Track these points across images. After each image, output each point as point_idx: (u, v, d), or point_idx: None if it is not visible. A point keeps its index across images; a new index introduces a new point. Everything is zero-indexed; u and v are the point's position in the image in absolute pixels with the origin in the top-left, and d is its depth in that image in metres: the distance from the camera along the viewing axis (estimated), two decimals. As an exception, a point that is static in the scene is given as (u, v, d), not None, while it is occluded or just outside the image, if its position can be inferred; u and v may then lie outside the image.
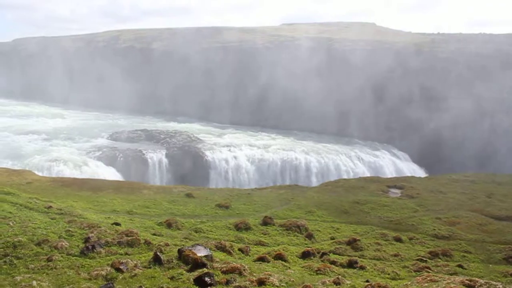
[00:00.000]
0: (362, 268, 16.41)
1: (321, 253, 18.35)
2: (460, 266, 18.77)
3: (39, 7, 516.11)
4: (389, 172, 60.08)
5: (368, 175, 54.69)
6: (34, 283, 9.94)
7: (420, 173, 60.48)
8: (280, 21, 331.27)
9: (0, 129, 68.52)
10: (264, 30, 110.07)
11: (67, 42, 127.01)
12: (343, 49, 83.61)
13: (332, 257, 17.90)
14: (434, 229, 24.36)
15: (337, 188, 35.13)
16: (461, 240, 22.98)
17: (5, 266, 11.66)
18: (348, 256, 18.57)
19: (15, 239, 13.63)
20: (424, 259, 19.24)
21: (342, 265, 16.47)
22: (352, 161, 61.29)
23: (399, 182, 37.09)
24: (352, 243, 20.47)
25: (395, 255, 19.60)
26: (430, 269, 17.11)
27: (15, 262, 12.12)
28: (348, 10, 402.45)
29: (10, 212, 17.62)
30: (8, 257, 12.29)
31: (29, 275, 10.89)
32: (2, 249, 12.73)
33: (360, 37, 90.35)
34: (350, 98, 74.35)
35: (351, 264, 16.60)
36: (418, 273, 16.10)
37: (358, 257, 18.22)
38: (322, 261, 16.98)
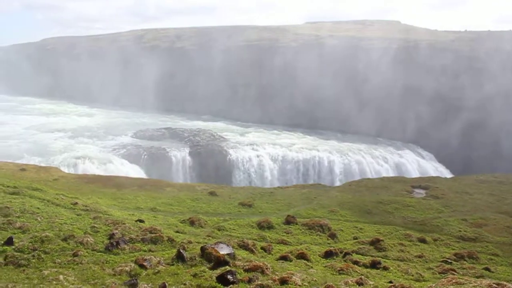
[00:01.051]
0: (385, 268, 16.23)
1: (343, 253, 18.23)
2: (487, 269, 18.38)
3: (67, 7, 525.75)
4: (413, 172, 59.30)
5: (392, 175, 54.07)
6: (61, 277, 10.13)
7: (445, 173, 59.59)
8: (304, 20, 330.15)
9: (28, 127, 70.14)
10: (288, 29, 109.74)
11: (93, 42, 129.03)
12: (367, 47, 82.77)
13: (355, 257, 17.75)
14: (460, 231, 23.93)
15: (360, 187, 34.84)
16: (488, 242, 22.52)
17: (33, 260, 11.91)
18: (371, 256, 18.40)
19: (43, 234, 13.91)
20: (449, 261, 18.92)
21: (365, 266, 16.32)
22: (376, 160, 60.70)
23: (424, 182, 36.55)
24: (375, 243, 20.26)
25: (419, 256, 19.33)
26: (455, 272, 16.82)
27: (42, 256, 12.37)
28: (373, 8, 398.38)
29: (38, 208, 17.98)
30: (36, 251, 12.55)
31: (56, 270, 11.10)
32: (30, 244, 13.01)
33: (385, 35, 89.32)
34: (375, 97, 73.59)
35: (374, 265, 16.43)
36: (443, 275, 15.84)
37: (381, 258, 18.03)
38: (344, 261, 16.87)
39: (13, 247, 12.84)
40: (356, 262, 16.50)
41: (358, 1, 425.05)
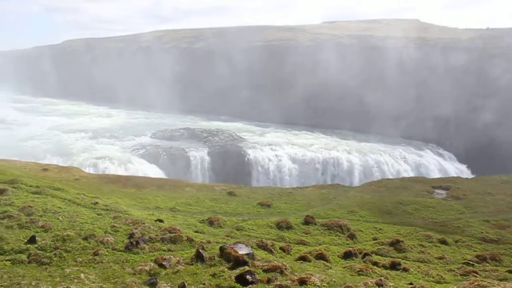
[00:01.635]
0: (405, 270, 16.06)
1: (363, 253, 18.09)
2: (510, 271, 18.03)
3: (86, 10, 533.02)
4: (434, 172, 58.62)
5: (412, 175, 53.53)
6: (82, 275, 10.26)
7: (467, 173, 58.77)
8: (321, 19, 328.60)
9: (50, 127, 71.26)
10: (305, 29, 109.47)
11: (112, 43, 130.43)
12: (386, 47, 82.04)
13: (375, 258, 17.61)
14: (482, 232, 23.54)
15: (380, 188, 34.54)
16: (511, 244, 22.12)
17: (55, 259, 12.09)
18: (391, 257, 18.23)
19: (64, 233, 14.11)
20: (471, 263, 18.62)
21: (384, 267, 16.18)
22: (395, 160, 60.15)
23: (445, 183, 36.06)
24: (395, 244, 20.07)
25: (440, 258, 19.08)
26: (477, 274, 16.54)
27: (64, 255, 12.54)
28: (391, 7, 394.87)
29: (60, 207, 18.25)
30: (58, 250, 12.73)
31: (77, 268, 11.25)
32: (52, 242, 13.21)
33: (404, 34, 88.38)
34: (393, 96, 72.90)
35: (394, 266, 16.28)
36: (464, 277, 15.62)
37: (401, 259, 17.85)
38: (364, 261, 16.75)
39: (36, 245, 13.05)
40: (375, 263, 16.37)
41: (376, 0, 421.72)
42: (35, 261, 11.91)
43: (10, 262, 11.57)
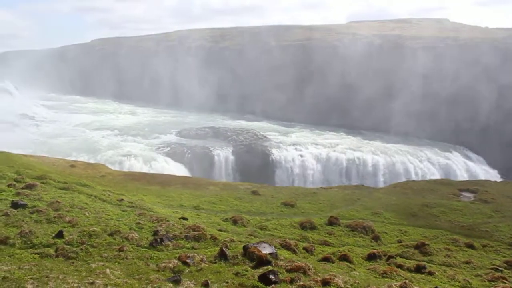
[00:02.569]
0: (430, 273, 15.80)
1: (387, 256, 17.86)
2: (540, 278, 17.58)
3: (115, 9, 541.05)
4: (461, 175, 57.61)
5: (439, 177, 52.73)
6: (108, 271, 10.39)
7: (496, 177, 57.54)
8: (348, 19, 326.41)
9: (77, 125, 72.62)
10: (332, 28, 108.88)
11: (140, 42, 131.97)
12: (414, 47, 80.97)
13: (399, 260, 17.38)
14: (511, 237, 23.02)
15: (405, 189, 34.09)
16: (541, 250, 21.55)
17: (81, 253, 12.28)
18: (416, 260, 17.97)
19: (90, 229, 14.31)
20: (500, 268, 18.18)
21: (409, 270, 15.94)
22: (421, 162, 59.37)
23: (472, 186, 35.36)
24: (420, 247, 19.76)
25: (467, 263, 18.71)
26: (506, 280, 16.14)
27: (90, 250, 12.73)
28: (420, 6, 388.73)
29: (86, 203, 18.53)
30: (84, 245, 12.93)
31: (102, 263, 11.40)
32: (79, 237, 13.42)
33: (433, 34, 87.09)
34: (420, 97, 71.91)
35: (419, 269, 16.03)
36: (492, 283, 15.27)
37: (427, 262, 17.56)
38: (388, 264, 16.54)
39: (63, 240, 13.28)
40: (400, 266, 16.15)
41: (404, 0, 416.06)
42: (62, 255, 12.11)
43: (38, 255, 11.82)
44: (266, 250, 12.22)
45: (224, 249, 12.51)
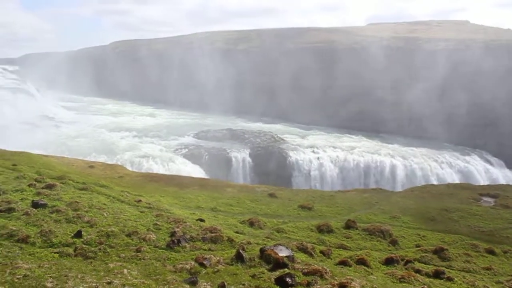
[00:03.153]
0: (449, 279, 15.56)
1: (405, 260, 17.66)
2: (563, 285, 17.20)
3: (134, 12, 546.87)
4: (481, 179, 56.78)
5: (458, 181, 52.00)
6: (125, 271, 10.47)
7: (517, 181, 56.59)
8: (366, 21, 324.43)
9: (97, 126, 73.45)
10: (350, 30, 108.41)
11: (158, 44, 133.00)
12: (433, 49, 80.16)
13: (417, 265, 17.16)
14: (533, 243, 22.56)
15: (424, 193, 33.69)
16: None
17: (100, 253, 12.40)
18: (434, 265, 17.73)
19: (109, 229, 14.45)
20: (521, 275, 17.88)
21: (427, 275, 15.73)
22: (440, 166, 58.66)
23: (493, 190, 34.75)
24: (439, 252, 19.49)
25: (487, 269, 18.39)
26: (527, 287, 15.87)
27: (108, 250, 12.84)
28: (439, 8, 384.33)
29: (105, 204, 18.71)
30: (102, 245, 13.05)
31: (120, 263, 11.48)
32: (97, 237, 13.56)
33: (452, 36, 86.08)
34: (439, 100, 71.13)
35: (437, 274, 15.81)
36: (513, 289, 15.02)
37: (445, 268, 17.32)
38: (406, 269, 16.34)
39: (82, 239, 13.43)
40: (418, 271, 15.95)
41: (423, 1, 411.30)
42: (81, 254, 12.25)
43: (58, 254, 11.98)
44: (282, 252, 12.18)
45: (241, 251, 12.51)
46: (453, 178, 55.87)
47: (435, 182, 51.28)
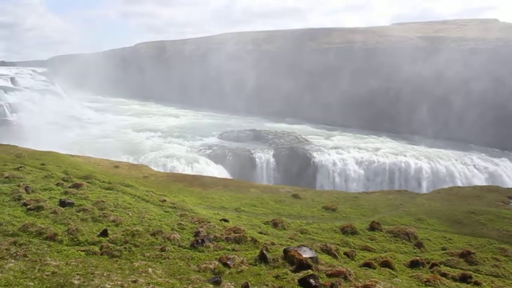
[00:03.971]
0: (477, 284, 15.24)
1: (431, 263, 17.38)
2: None
3: (159, 14, 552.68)
4: (510, 181, 55.51)
5: (485, 184, 50.99)
6: (150, 270, 10.58)
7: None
8: (391, 21, 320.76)
9: (122, 126, 74.47)
10: (374, 30, 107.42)
11: (183, 46, 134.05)
12: (460, 49, 78.77)
13: (443, 268, 16.86)
14: None
15: (450, 196, 33.14)
16: None
17: (125, 252, 12.55)
18: (461, 269, 17.38)
19: (134, 228, 14.62)
20: (552, 280, 17.40)
21: (454, 279, 15.43)
22: (467, 168, 57.57)
23: (522, 193, 33.99)
24: (466, 255, 19.11)
25: (517, 273, 17.96)
26: (558, 292, 15.44)
27: (133, 249, 12.99)
28: (466, 6, 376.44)
29: (130, 203, 18.95)
30: (128, 244, 13.21)
31: (145, 262, 11.61)
32: (123, 237, 13.73)
33: (480, 35, 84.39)
34: (467, 101, 69.82)
35: (464, 279, 15.50)
36: (543, 295, 14.63)
37: (473, 272, 16.97)
38: (431, 272, 16.09)
39: (108, 238, 13.62)
40: (444, 274, 15.68)
41: (449, 0, 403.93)
42: (106, 253, 12.41)
43: (84, 252, 12.18)
44: (306, 254, 12.14)
45: (264, 251, 12.51)
46: (481, 180, 54.82)
47: (461, 184, 50.40)
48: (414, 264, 16.82)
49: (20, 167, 24.14)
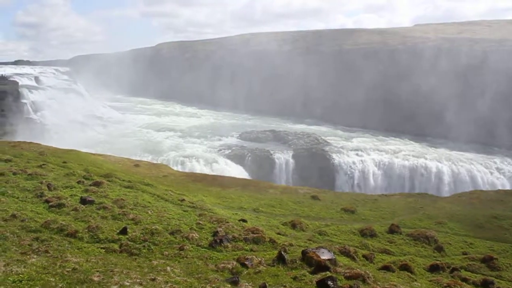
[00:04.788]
0: (498, 289, 15.00)
1: (451, 268, 17.12)
2: None
3: (180, 14, 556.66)
4: (535, 186, 54.46)
5: (509, 188, 50.08)
6: (168, 268, 10.64)
7: None
8: (413, 22, 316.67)
9: (142, 126, 75.19)
10: (396, 31, 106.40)
11: (203, 46, 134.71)
12: (485, 50, 77.45)
13: (464, 273, 16.59)
14: None
15: (472, 199, 32.58)
16: None
17: (144, 250, 12.66)
18: (482, 275, 17.07)
19: (153, 227, 14.72)
20: None
21: (475, 284, 15.17)
22: (490, 171, 56.60)
23: (547, 198, 33.24)
24: (487, 261, 18.76)
25: (541, 280, 17.57)
26: None
27: (152, 247, 13.09)
28: (491, 6, 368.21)
29: (149, 202, 19.10)
30: (147, 242, 13.31)
31: (163, 261, 11.68)
32: (142, 235, 13.85)
33: (507, 36, 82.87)
34: (490, 103, 68.65)
35: (486, 284, 15.21)
36: None
37: (495, 278, 16.67)
38: (452, 277, 15.85)
39: (127, 236, 13.74)
40: (465, 280, 15.42)
41: (473, 1, 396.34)
42: (125, 251, 12.53)
43: (104, 250, 12.31)
44: (324, 255, 12.07)
45: (282, 252, 12.48)
46: (504, 184, 53.87)
47: (484, 188, 49.57)
48: (434, 268, 16.59)
49: (43, 164, 24.55)
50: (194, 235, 14.69)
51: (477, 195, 34.63)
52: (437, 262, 17.41)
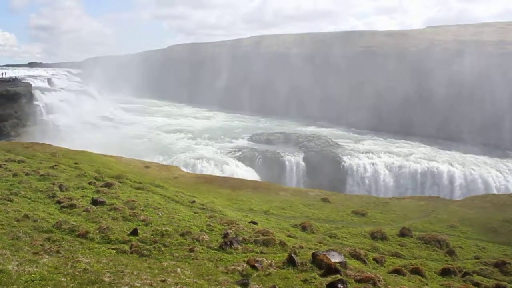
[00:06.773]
0: (512, 294, 14.82)
1: (463, 272, 16.96)
2: None
3: (190, 16, 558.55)
4: (549, 190, 53.70)
5: (523, 191, 49.52)
6: (178, 270, 10.64)
7: None
8: (425, 24, 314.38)
9: (153, 127, 75.51)
10: (408, 34, 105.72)
11: (214, 48, 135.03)
12: (497, 52, 76.74)
13: (476, 278, 16.43)
14: None
15: (484, 203, 32.25)
16: None
17: (154, 252, 12.70)
18: (495, 279, 16.87)
19: (163, 228, 14.77)
20: None
21: (487, 289, 15.05)
22: (503, 175, 55.97)
23: (561, 202, 32.80)
24: (500, 265, 18.53)
25: (555, 286, 17.31)
26: None
27: (162, 249, 13.12)
28: (506, 8, 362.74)
29: (160, 204, 19.16)
30: (157, 243, 13.35)
31: (173, 262, 11.69)
32: (152, 236, 13.89)
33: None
34: (503, 106, 67.98)
35: (498, 289, 15.07)
36: None
37: (508, 283, 16.46)
38: (464, 281, 15.70)
39: (138, 237, 13.80)
40: (477, 284, 15.26)
41: (488, 2, 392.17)
42: (136, 252, 12.58)
43: (115, 250, 12.37)
44: (335, 258, 12.01)
45: (292, 255, 12.43)
46: (517, 188, 53.31)
47: (496, 192, 49.07)
48: (445, 272, 16.45)
49: (55, 165, 24.74)
50: (204, 236, 14.71)
51: (490, 199, 34.27)
52: (449, 266, 17.25)
